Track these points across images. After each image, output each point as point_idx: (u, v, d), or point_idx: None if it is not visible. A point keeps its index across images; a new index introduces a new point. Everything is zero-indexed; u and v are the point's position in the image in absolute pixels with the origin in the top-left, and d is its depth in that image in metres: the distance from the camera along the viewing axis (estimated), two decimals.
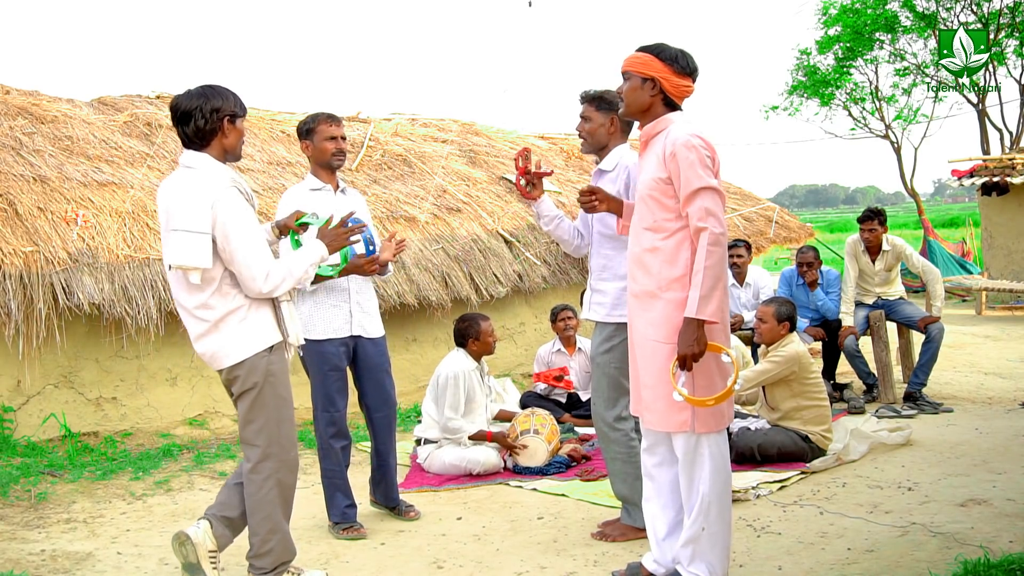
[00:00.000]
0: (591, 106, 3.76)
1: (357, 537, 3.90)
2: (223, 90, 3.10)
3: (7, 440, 5.22)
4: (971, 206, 29.64)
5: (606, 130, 3.75)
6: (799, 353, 4.88)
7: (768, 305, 5.07)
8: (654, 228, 3.03)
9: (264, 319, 3.08)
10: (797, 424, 4.88)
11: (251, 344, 3.04)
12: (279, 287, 3.05)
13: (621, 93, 3.17)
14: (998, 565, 2.91)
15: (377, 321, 4.07)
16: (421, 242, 7.12)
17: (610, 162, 3.73)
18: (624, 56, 3.16)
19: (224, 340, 3.03)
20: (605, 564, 3.48)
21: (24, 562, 3.63)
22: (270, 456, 3.10)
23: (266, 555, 3.16)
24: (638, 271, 3.09)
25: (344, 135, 4.00)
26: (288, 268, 3.09)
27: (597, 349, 3.71)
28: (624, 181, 3.64)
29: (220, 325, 3.02)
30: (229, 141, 3.09)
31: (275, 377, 3.08)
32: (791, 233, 11.23)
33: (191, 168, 3.04)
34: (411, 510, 4.21)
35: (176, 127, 3.08)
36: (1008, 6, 16.86)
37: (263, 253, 3.03)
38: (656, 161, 3.02)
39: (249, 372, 3.03)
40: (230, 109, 3.07)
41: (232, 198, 3.00)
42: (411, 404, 6.64)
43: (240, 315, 3.03)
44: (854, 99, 19.69)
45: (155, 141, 7.01)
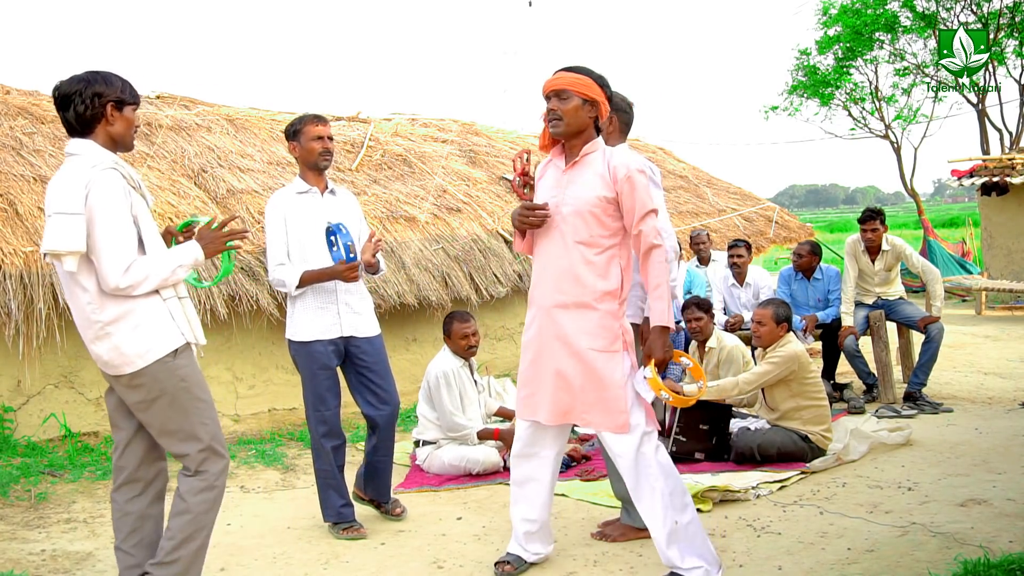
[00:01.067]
0: None
1: (357, 537, 3.90)
2: (110, 76, 2.90)
3: (7, 440, 5.22)
4: (971, 206, 29.67)
5: (605, 130, 3.74)
6: (797, 353, 4.88)
7: (765, 308, 5.06)
8: (588, 243, 3.16)
9: (161, 321, 2.83)
10: (796, 424, 4.88)
11: (151, 349, 2.80)
12: (139, 285, 2.77)
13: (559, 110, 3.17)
14: (998, 565, 2.91)
15: (371, 321, 4.04)
16: (421, 242, 7.12)
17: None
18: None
19: (120, 346, 2.79)
20: (605, 564, 3.49)
21: (24, 562, 3.63)
22: (207, 463, 2.91)
23: (173, 563, 2.88)
24: (566, 283, 3.18)
25: (331, 135, 3.99)
26: (153, 266, 2.81)
27: None
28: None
29: (111, 329, 2.78)
30: (116, 129, 2.87)
31: (187, 382, 2.85)
32: (791, 233, 11.24)
33: (73, 155, 2.83)
34: (397, 506, 4.21)
35: (59, 113, 2.87)
36: (1008, 6, 16.87)
37: (127, 244, 2.76)
38: (600, 181, 3.16)
39: (153, 379, 2.81)
40: (115, 95, 2.86)
41: (109, 180, 2.77)
42: (411, 404, 6.64)
43: (134, 319, 2.79)
44: (854, 99, 19.70)
45: (155, 141, 7.01)
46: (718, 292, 7.22)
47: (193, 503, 2.89)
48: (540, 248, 3.28)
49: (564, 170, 3.25)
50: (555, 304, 3.20)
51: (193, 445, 2.89)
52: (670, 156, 12.64)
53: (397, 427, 6.27)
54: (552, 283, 3.21)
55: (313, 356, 3.87)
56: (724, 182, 12.20)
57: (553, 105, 3.18)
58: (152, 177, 6.44)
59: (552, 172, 3.32)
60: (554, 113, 3.17)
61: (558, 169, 3.28)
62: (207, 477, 2.92)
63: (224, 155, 7.18)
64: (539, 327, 3.26)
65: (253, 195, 6.74)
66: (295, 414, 6.28)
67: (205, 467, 2.92)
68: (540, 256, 3.28)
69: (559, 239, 3.20)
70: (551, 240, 3.22)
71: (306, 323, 3.87)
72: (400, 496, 4.59)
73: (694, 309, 5.84)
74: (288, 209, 3.90)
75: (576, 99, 3.15)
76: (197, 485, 2.90)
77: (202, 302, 5.70)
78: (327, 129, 3.96)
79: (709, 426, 4.95)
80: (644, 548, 3.62)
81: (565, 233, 3.18)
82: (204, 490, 2.91)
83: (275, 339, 6.30)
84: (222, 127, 7.68)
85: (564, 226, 3.19)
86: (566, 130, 3.18)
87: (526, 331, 3.36)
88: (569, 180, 3.22)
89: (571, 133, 3.20)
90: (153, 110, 7.45)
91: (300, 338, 3.87)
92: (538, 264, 3.30)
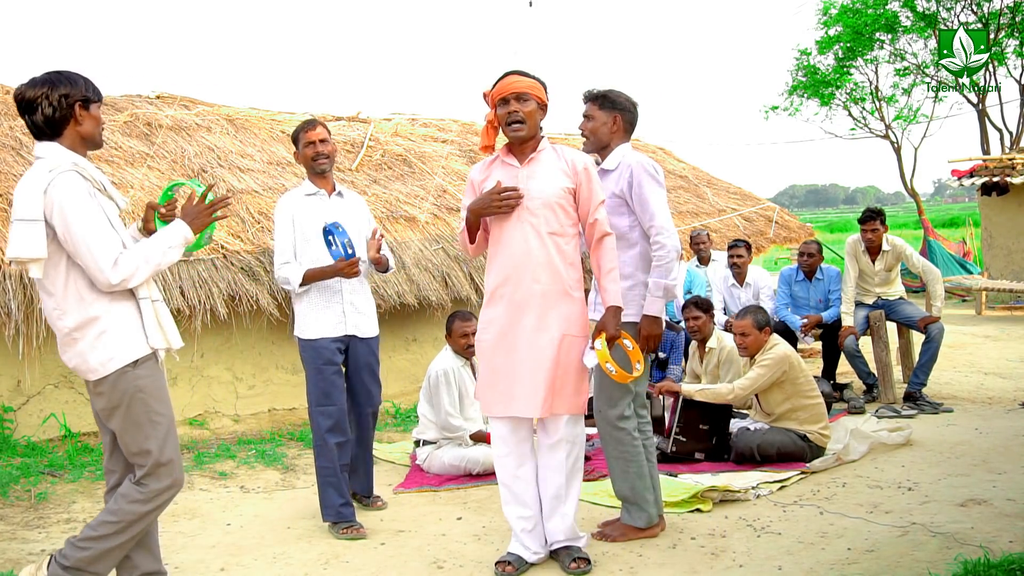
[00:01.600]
0: (594, 104, 3.78)
1: (357, 537, 3.90)
2: (72, 75, 2.87)
3: (7, 440, 5.23)
4: (971, 206, 29.65)
5: (608, 129, 3.76)
6: (787, 353, 4.88)
7: (743, 319, 5.01)
8: (560, 233, 3.34)
9: (127, 328, 2.80)
10: (794, 424, 4.88)
11: (113, 358, 2.78)
12: (133, 276, 2.76)
13: (520, 112, 3.27)
14: (998, 565, 2.91)
15: (372, 321, 4.17)
16: (421, 242, 7.12)
17: (612, 161, 3.73)
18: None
19: (86, 353, 2.77)
20: (605, 564, 3.48)
21: (24, 562, 3.63)
22: (152, 475, 2.84)
23: (83, 550, 2.81)
24: (545, 274, 3.31)
25: (323, 138, 4.08)
26: (143, 253, 2.79)
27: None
28: (627, 180, 3.64)
29: (76, 335, 2.77)
30: (85, 128, 2.85)
31: (144, 393, 2.81)
32: (791, 233, 11.24)
33: (39, 158, 2.80)
34: (377, 500, 4.36)
35: (23, 118, 2.83)
36: (1008, 6, 16.87)
37: (109, 239, 2.75)
38: (560, 174, 3.34)
39: (112, 387, 2.78)
40: (81, 94, 2.83)
41: (68, 181, 2.72)
42: (411, 404, 6.64)
43: (99, 326, 2.77)
44: (854, 99, 19.70)
45: (155, 141, 7.01)
46: (718, 292, 7.22)
47: (124, 508, 2.83)
48: (509, 243, 3.33)
49: (521, 167, 3.35)
50: (534, 295, 3.30)
51: (143, 458, 2.84)
52: (670, 156, 12.63)
53: (397, 427, 6.30)
54: (529, 275, 3.30)
55: (318, 352, 3.97)
56: (724, 182, 12.20)
57: (515, 107, 3.29)
58: (152, 177, 6.44)
59: (503, 171, 3.39)
60: (516, 115, 3.29)
61: (510, 167, 3.37)
62: (146, 491, 2.84)
63: (224, 155, 7.18)
64: (510, 321, 3.32)
65: (253, 195, 6.74)
66: (295, 414, 6.28)
67: (147, 481, 2.84)
68: (508, 250, 3.33)
69: (532, 232, 3.30)
70: (523, 234, 3.31)
71: (312, 321, 4.00)
72: (400, 496, 4.60)
73: (693, 308, 5.84)
74: (296, 210, 4.05)
75: (533, 102, 3.31)
76: (134, 494, 2.84)
77: (202, 302, 5.71)
78: (318, 133, 4.08)
79: (709, 426, 4.95)
80: (644, 548, 3.62)
81: (537, 225, 3.30)
82: (139, 501, 2.83)
83: (275, 339, 6.30)
84: (222, 127, 7.68)
85: (534, 219, 3.30)
86: (528, 133, 3.31)
87: (487, 329, 3.39)
88: (528, 176, 3.34)
89: (531, 136, 3.34)
90: (153, 110, 7.45)
91: (307, 335, 3.99)
92: (505, 259, 3.34)
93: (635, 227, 3.66)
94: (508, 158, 3.40)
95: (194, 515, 4.32)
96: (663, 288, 3.56)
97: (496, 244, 3.38)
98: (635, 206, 3.63)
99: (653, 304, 3.58)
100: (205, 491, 4.73)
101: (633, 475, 3.66)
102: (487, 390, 3.41)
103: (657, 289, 3.56)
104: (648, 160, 3.68)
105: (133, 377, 2.80)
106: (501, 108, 3.32)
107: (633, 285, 3.64)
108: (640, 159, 3.67)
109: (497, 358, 3.36)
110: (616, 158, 3.73)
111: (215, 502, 4.54)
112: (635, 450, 3.66)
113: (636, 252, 3.67)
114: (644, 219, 3.61)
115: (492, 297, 3.39)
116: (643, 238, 3.66)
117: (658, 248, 3.58)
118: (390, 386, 6.85)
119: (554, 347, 3.31)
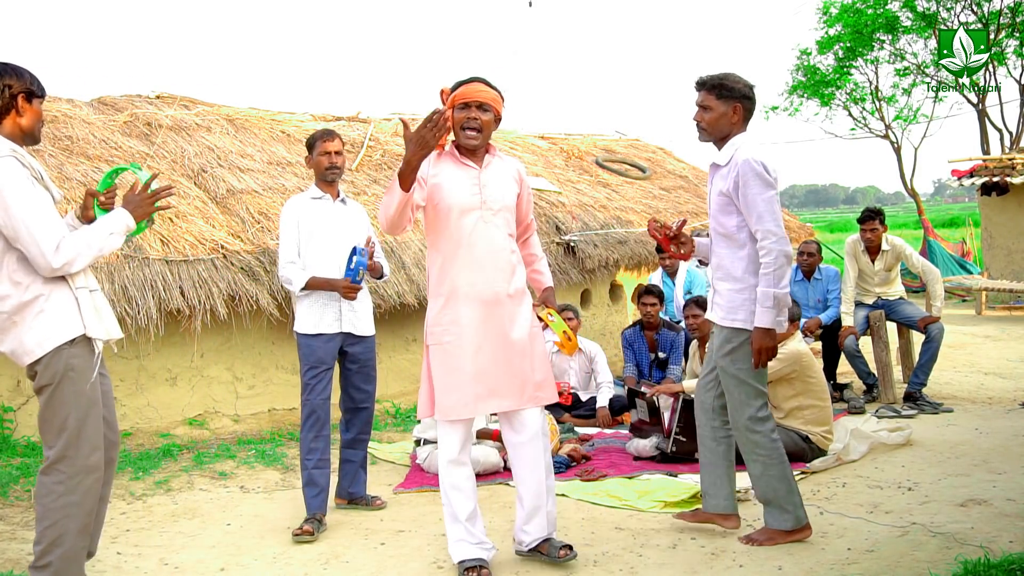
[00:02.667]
0: (710, 94, 3.54)
1: (303, 538, 3.86)
2: (17, 67, 2.90)
3: (7, 440, 5.23)
4: (971, 206, 29.65)
5: (728, 120, 3.52)
6: (801, 352, 4.88)
7: None
8: (514, 235, 3.48)
9: (64, 310, 2.85)
10: (798, 423, 4.88)
11: (49, 338, 2.82)
12: (75, 261, 2.80)
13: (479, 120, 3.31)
14: (998, 565, 2.91)
15: (368, 320, 4.31)
16: (421, 242, 7.11)
17: (725, 155, 3.53)
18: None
19: (22, 335, 2.82)
20: (605, 564, 3.48)
21: (24, 562, 3.63)
22: (65, 458, 2.85)
23: (45, 568, 2.85)
24: (509, 273, 3.39)
25: (339, 150, 4.26)
26: (85, 239, 2.84)
27: (718, 352, 3.61)
28: (734, 179, 3.45)
29: (16, 319, 2.81)
30: (25, 121, 2.89)
31: (75, 372, 2.84)
32: (791, 233, 11.23)
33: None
34: (377, 500, 4.39)
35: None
36: (1008, 6, 16.88)
37: (51, 223, 2.77)
38: (511, 181, 3.47)
39: (46, 367, 2.83)
40: (24, 87, 2.88)
41: (8, 165, 2.76)
42: (411, 404, 6.64)
43: (37, 307, 2.81)
44: (854, 99, 19.70)
45: (155, 141, 7.01)
46: None
47: (48, 505, 2.84)
48: (474, 244, 3.34)
49: (480, 170, 3.40)
50: (504, 294, 3.37)
51: (60, 439, 2.84)
52: (670, 156, 12.64)
53: (397, 427, 6.30)
54: (498, 274, 3.36)
55: (312, 348, 4.14)
56: None
57: (476, 115, 3.32)
58: None
59: (461, 171, 3.38)
60: (475, 123, 3.32)
61: (469, 168, 3.39)
62: (57, 472, 2.85)
63: (224, 155, 7.17)
64: (481, 320, 3.32)
65: (253, 195, 6.74)
66: (295, 414, 6.27)
67: (61, 467, 2.85)
68: (474, 251, 3.34)
69: (497, 233, 3.38)
70: (489, 235, 3.36)
71: (308, 317, 4.16)
72: (400, 496, 4.60)
73: (694, 307, 5.85)
74: (302, 213, 4.23)
75: (492, 114, 3.36)
76: (47, 483, 2.85)
77: (202, 302, 5.71)
78: (335, 145, 4.26)
79: None
80: (644, 548, 3.62)
81: (500, 227, 3.39)
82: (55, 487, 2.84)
83: (275, 339, 6.30)
84: (222, 127, 7.68)
85: (498, 220, 3.39)
86: (481, 143, 3.37)
87: (448, 330, 3.32)
88: (486, 182, 3.40)
89: (486, 143, 3.41)
90: (153, 110, 7.45)
91: (304, 331, 4.16)
92: (472, 260, 3.33)
93: (743, 228, 3.49)
94: (465, 159, 3.40)
95: (194, 515, 4.32)
96: (772, 297, 3.39)
97: (459, 246, 3.33)
98: (741, 207, 3.46)
99: (763, 316, 3.41)
100: (205, 491, 4.73)
101: (773, 477, 3.56)
102: (452, 392, 3.31)
103: (765, 299, 3.40)
104: (759, 156, 3.44)
105: (67, 355, 2.84)
106: (460, 111, 3.32)
107: (742, 289, 3.51)
108: (750, 156, 3.43)
109: (466, 358, 3.30)
110: (728, 152, 3.51)
111: (215, 502, 4.55)
112: (777, 451, 3.56)
113: (745, 254, 3.51)
114: (750, 222, 3.44)
115: (454, 297, 3.33)
116: (752, 240, 3.48)
117: (764, 254, 3.41)
118: (390, 386, 6.85)
119: (527, 340, 3.40)
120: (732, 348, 3.54)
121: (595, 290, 8.75)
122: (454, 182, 3.34)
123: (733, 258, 3.53)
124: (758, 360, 3.46)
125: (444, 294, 3.35)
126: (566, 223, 8.38)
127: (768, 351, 3.44)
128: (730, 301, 3.54)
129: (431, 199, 3.34)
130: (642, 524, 3.95)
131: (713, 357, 3.68)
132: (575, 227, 8.41)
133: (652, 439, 5.07)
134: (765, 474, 3.58)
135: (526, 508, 3.43)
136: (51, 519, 2.84)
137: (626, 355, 6.72)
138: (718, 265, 3.62)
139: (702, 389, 3.78)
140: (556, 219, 8.36)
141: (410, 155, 3.07)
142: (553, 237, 8.15)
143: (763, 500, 3.64)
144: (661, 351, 6.55)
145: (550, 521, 3.47)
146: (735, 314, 3.51)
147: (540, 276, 3.63)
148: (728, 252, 3.56)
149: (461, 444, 3.39)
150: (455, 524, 3.40)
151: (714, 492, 3.73)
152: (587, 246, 8.30)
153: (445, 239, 3.36)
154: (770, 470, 3.56)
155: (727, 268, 3.56)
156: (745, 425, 3.57)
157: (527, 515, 3.44)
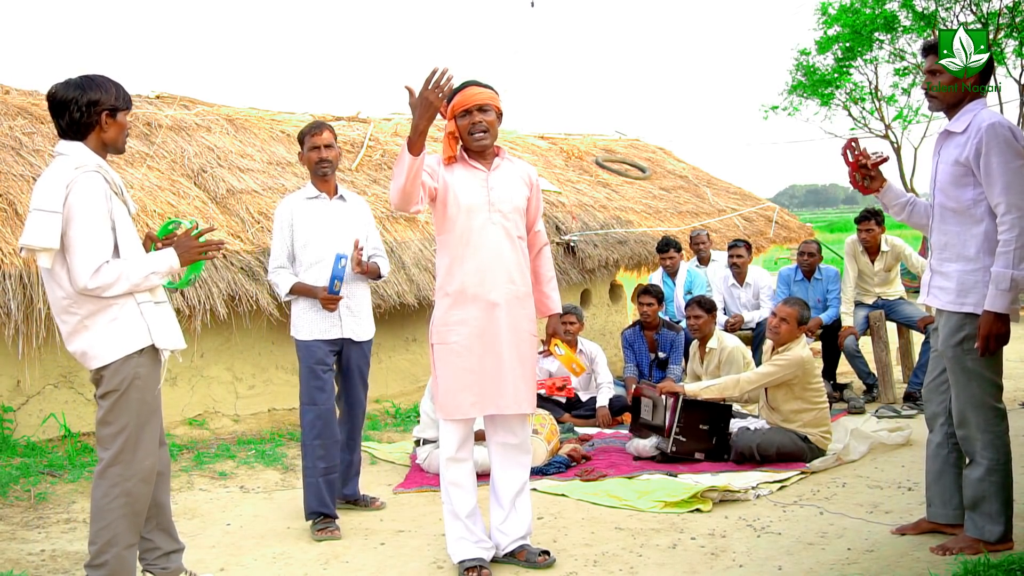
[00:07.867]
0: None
1: (331, 539, 3.88)
2: (104, 82, 2.96)
3: (7, 440, 5.22)
4: None
5: (960, 85, 3.24)
6: (804, 358, 4.87)
7: (792, 307, 4.99)
8: (522, 237, 3.47)
9: (135, 320, 2.91)
10: (796, 426, 4.88)
11: (120, 345, 2.88)
12: (110, 287, 2.84)
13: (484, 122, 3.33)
14: (998, 565, 2.90)
15: (367, 325, 4.22)
16: (421, 242, 7.11)
17: (961, 123, 3.24)
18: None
19: (93, 340, 2.87)
20: (605, 564, 3.48)
21: (24, 562, 3.63)
22: (120, 462, 2.91)
23: (100, 567, 2.92)
24: (517, 275, 3.41)
25: (327, 143, 4.11)
26: (124, 270, 2.87)
27: (947, 341, 3.25)
28: (975, 145, 3.14)
29: (88, 323, 2.87)
30: (108, 135, 2.98)
31: (141, 381, 2.91)
32: (791, 233, 11.25)
33: (61, 155, 2.91)
34: (377, 500, 4.37)
35: (52, 117, 2.95)
36: (1008, 6, 16.86)
37: (100, 246, 2.83)
38: (521, 183, 3.48)
39: (113, 374, 2.88)
40: (110, 103, 2.94)
41: (90, 182, 2.84)
42: (411, 404, 6.64)
43: (111, 314, 2.88)
44: (854, 99, 19.69)
45: (155, 141, 7.01)
46: (718, 292, 7.22)
47: (102, 507, 2.91)
48: (481, 245, 3.36)
49: (488, 172, 3.43)
50: (510, 296, 3.39)
51: (117, 443, 2.90)
52: (670, 156, 12.64)
53: (397, 427, 6.30)
54: (504, 276, 3.37)
55: (311, 352, 4.04)
56: (724, 182, 12.21)
57: (479, 118, 3.35)
58: (152, 177, 6.44)
59: (470, 173, 3.41)
60: (481, 125, 3.35)
61: (477, 171, 3.41)
62: (111, 475, 2.91)
63: (224, 155, 7.17)
64: (488, 321, 3.35)
65: (253, 195, 6.74)
66: (295, 414, 6.26)
67: (113, 468, 2.91)
68: (481, 252, 3.36)
69: (504, 235, 3.39)
70: (496, 236, 3.38)
71: (307, 322, 4.06)
72: (400, 496, 4.60)
73: (696, 307, 5.85)
74: (296, 213, 4.10)
75: (493, 112, 3.39)
76: (102, 486, 2.91)
77: (202, 302, 5.70)
78: (324, 139, 4.11)
79: (709, 426, 4.95)
80: (644, 548, 3.62)
81: (509, 229, 3.41)
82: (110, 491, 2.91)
83: (275, 339, 6.30)
84: (222, 127, 7.68)
85: (506, 223, 3.40)
86: (491, 140, 3.41)
87: (456, 330, 3.35)
88: (494, 184, 3.41)
89: (493, 143, 3.43)
90: (153, 110, 7.45)
91: (300, 336, 4.07)
92: (479, 261, 3.36)
93: (981, 201, 3.16)
94: (473, 161, 3.43)
95: (194, 515, 4.32)
96: (1010, 280, 3.06)
97: (466, 246, 3.37)
98: (981, 177, 3.13)
99: (996, 299, 3.07)
100: (205, 491, 4.73)
101: (993, 483, 3.22)
102: (456, 392, 3.35)
103: (1002, 280, 3.06)
104: (1005, 122, 3.14)
105: (136, 364, 2.90)
106: (462, 119, 3.35)
107: (975, 269, 3.18)
108: (996, 120, 3.14)
109: (473, 359, 3.34)
110: (965, 119, 3.22)
111: (215, 502, 4.54)
112: (1002, 454, 3.23)
113: (980, 231, 3.18)
114: (991, 194, 3.11)
115: (461, 297, 3.36)
116: (989, 215, 3.15)
117: (1005, 230, 3.07)
118: (390, 386, 6.85)
119: (527, 345, 3.44)
120: (964, 336, 3.19)
121: (595, 290, 8.75)
122: (463, 183, 3.38)
123: (966, 235, 3.21)
124: (983, 348, 3.11)
125: (451, 294, 3.38)
126: (566, 223, 8.38)
127: (998, 338, 3.09)
128: (961, 283, 3.20)
129: (441, 199, 3.37)
130: (642, 524, 3.95)
131: (939, 349, 3.33)
132: (575, 227, 8.41)
133: (652, 439, 5.07)
134: (986, 479, 3.23)
135: (504, 507, 3.49)
136: (105, 520, 2.91)
137: (626, 355, 6.72)
138: (945, 244, 3.28)
139: (931, 391, 3.46)
140: (556, 219, 8.36)
141: (417, 119, 3.09)
142: (553, 237, 8.15)
143: (970, 506, 3.28)
144: (661, 351, 6.55)
145: (527, 521, 3.51)
146: (965, 297, 3.18)
147: (548, 301, 3.60)
148: (959, 229, 3.23)
149: (462, 442, 3.43)
150: (455, 522, 3.43)
151: (942, 502, 3.43)
152: (587, 246, 8.31)
153: (453, 240, 3.39)
154: (992, 475, 3.22)
155: (957, 247, 3.24)
156: (979, 425, 3.20)
157: (505, 513, 3.49)
